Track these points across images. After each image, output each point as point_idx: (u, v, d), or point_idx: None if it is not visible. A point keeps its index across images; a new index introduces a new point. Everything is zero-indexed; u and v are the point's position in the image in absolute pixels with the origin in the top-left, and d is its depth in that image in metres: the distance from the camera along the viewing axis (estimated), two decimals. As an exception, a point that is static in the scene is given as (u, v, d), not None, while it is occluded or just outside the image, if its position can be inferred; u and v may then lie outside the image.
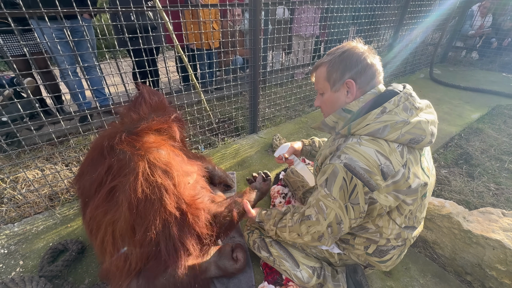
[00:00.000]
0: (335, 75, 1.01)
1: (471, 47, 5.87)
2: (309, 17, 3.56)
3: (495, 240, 1.26)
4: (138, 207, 0.92)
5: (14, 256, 1.44)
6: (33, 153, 2.32)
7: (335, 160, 0.94)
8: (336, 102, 1.05)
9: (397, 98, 0.93)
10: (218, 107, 3.22)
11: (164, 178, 0.94)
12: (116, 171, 0.95)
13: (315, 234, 1.02)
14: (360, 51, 0.98)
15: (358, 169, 0.88)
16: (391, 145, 0.91)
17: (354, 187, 0.90)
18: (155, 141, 1.04)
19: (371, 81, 0.99)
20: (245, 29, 3.70)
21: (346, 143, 0.95)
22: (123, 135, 1.01)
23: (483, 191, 2.00)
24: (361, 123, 0.94)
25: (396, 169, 0.90)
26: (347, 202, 0.93)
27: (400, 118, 0.91)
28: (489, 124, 3.02)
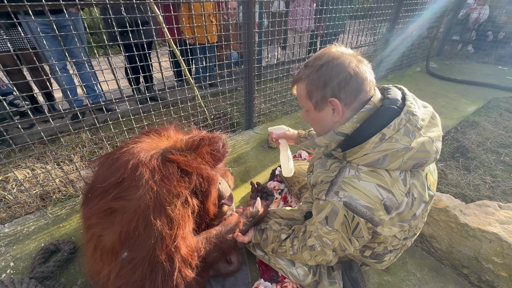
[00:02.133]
0: (316, 94, 0.89)
1: (467, 40, 5.86)
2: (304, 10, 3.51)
3: (492, 233, 1.26)
4: (127, 241, 0.84)
5: (5, 258, 1.41)
6: (23, 152, 2.26)
7: (332, 197, 0.86)
8: (322, 121, 0.94)
9: (398, 121, 0.81)
10: (213, 103, 3.17)
11: (164, 224, 0.85)
12: (124, 189, 0.87)
13: (323, 261, 1.01)
14: (341, 60, 0.84)
15: (360, 208, 0.82)
16: (393, 175, 0.83)
17: (356, 224, 0.85)
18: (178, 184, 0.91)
19: (359, 94, 0.86)
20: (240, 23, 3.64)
21: (343, 175, 0.86)
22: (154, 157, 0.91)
23: (480, 184, 2.00)
24: (357, 152, 0.83)
25: (399, 200, 0.83)
26: (351, 236, 0.89)
27: (401, 145, 0.79)
28: (485, 117, 3.02)
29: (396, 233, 0.92)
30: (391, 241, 0.98)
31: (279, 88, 3.21)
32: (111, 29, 1.63)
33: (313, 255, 1.00)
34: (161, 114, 2.76)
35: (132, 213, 0.83)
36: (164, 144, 1.02)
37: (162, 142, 1.03)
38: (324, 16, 2.81)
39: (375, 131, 0.82)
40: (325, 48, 0.92)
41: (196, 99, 2.53)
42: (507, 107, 3.26)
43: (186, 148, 1.00)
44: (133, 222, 0.83)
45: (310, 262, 1.04)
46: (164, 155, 0.93)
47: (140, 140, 1.01)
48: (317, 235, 0.95)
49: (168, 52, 3.93)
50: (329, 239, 0.92)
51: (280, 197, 1.76)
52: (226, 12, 3.52)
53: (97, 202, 0.89)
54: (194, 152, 0.99)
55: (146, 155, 0.91)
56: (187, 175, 0.94)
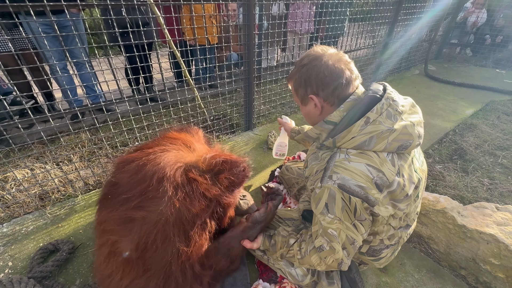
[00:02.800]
0: (300, 91, 1.00)
1: (465, 44, 5.90)
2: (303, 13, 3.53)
3: (489, 234, 1.27)
4: (144, 252, 0.86)
5: (3, 257, 1.41)
6: (22, 152, 2.26)
7: (327, 181, 0.90)
8: (308, 114, 1.05)
9: (379, 105, 0.89)
10: (212, 104, 3.18)
11: (181, 241, 0.87)
12: (147, 199, 0.87)
13: (334, 262, 0.97)
14: (319, 61, 0.93)
15: (354, 188, 0.86)
16: (381, 156, 0.88)
17: (355, 206, 0.87)
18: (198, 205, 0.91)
19: (337, 89, 0.93)
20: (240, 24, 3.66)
21: (334, 160, 0.92)
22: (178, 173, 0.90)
23: (477, 186, 2.01)
24: (345, 136, 0.90)
25: (390, 179, 0.87)
26: (354, 220, 0.90)
27: (385, 126, 0.87)
28: (483, 120, 3.04)
29: (392, 214, 0.93)
30: (386, 231, 1.00)
31: (278, 90, 3.22)
32: (112, 29, 1.64)
33: (323, 257, 0.97)
34: (161, 115, 2.76)
35: (152, 225, 0.84)
36: (189, 157, 1.00)
37: (187, 154, 1.02)
38: (324, 18, 2.83)
39: (360, 116, 0.90)
40: (311, 49, 1.01)
41: (196, 100, 2.54)
42: (504, 110, 3.29)
43: (207, 169, 0.98)
44: (152, 235, 0.84)
45: (319, 267, 1.00)
46: (187, 172, 0.92)
47: (166, 147, 0.99)
48: (322, 230, 0.94)
49: (168, 53, 3.94)
50: (334, 230, 0.91)
51: (279, 198, 1.77)
52: (226, 14, 3.54)
53: (117, 208, 0.89)
54: (214, 176, 0.98)
55: (171, 169, 0.90)
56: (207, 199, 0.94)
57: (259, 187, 1.96)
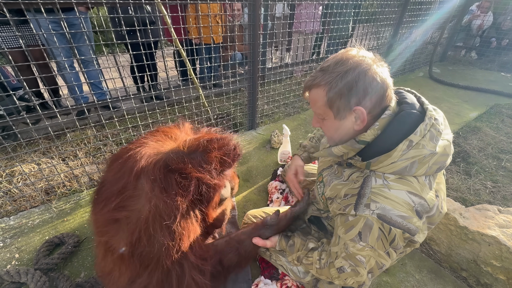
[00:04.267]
0: (338, 102, 0.82)
1: (470, 47, 5.87)
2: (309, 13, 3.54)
3: (491, 236, 1.27)
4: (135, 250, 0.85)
5: (10, 249, 1.44)
6: (29, 147, 2.30)
7: (363, 210, 0.81)
8: (341, 129, 0.88)
9: (423, 126, 0.79)
10: (216, 103, 3.20)
11: (166, 236, 0.84)
12: (126, 198, 0.86)
13: (355, 284, 0.91)
14: (367, 66, 0.79)
15: (395, 218, 0.78)
16: (420, 180, 0.81)
17: (394, 236, 0.80)
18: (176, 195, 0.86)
19: (383, 102, 0.82)
20: (245, 24, 3.68)
21: (370, 185, 0.83)
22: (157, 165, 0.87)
23: (480, 189, 2.01)
24: (384, 161, 0.80)
25: (431, 204, 0.82)
26: (388, 249, 0.82)
27: (428, 150, 0.78)
28: (487, 123, 3.03)
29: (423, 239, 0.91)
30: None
31: (282, 90, 3.24)
32: (119, 28, 1.66)
33: (343, 278, 0.91)
34: (165, 113, 2.79)
35: (134, 224, 0.83)
36: (170, 146, 0.95)
37: (167, 144, 0.96)
38: (329, 19, 2.83)
39: (400, 137, 0.80)
40: (345, 52, 0.85)
41: (200, 98, 2.56)
42: (509, 114, 3.27)
43: (189, 151, 0.92)
44: (135, 234, 0.83)
45: (336, 281, 0.95)
46: (166, 162, 0.88)
47: (146, 141, 0.95)
48: (347, 255, 0.87)
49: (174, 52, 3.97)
50: (363, 256, 0.84)
51: (282, 197, 1.78)
52: (231, 14, 3.56)
53: (101, 209, 0.89)
54: (201, 156, 0.91)
55: (149, 162, 0.86)
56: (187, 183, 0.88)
57: (262, 185, 1.97)
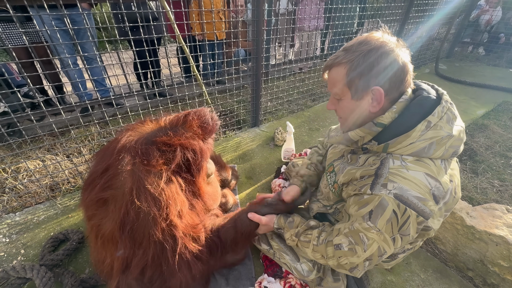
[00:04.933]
0: (357, 81, 0.83)
1: (478, 43, 5.76)
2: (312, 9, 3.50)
3: (499, 236, 1.25)
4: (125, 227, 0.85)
5: (16, 245, 1.45)
6: (34, 144, 2.32)
7: (380, 190, 0.80)
8: (357, 111, 0.89)
9: (440, 109, 0.81)
10: (219, 99, 3.19)
11: (151, 206, 0.85)
12: (110, 178, 0.88)
13: (347, 265, 0.90)
14: (390, 48, 0.80)
15: (412, 199, 0.78)
16: (437, 163, 0.81)
17: (407, 218, 0.79)
18: (157, 164, 0.91)
19: (401, 85, 0.83)
20: (248, 20, 3.64)
21: (388, 167, 0.82)
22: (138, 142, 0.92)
23: (487, 188, 1.98)
24: (403, 141, 0.81)
25: (446, 188, 0.81)
26: (396, 234, 0.81)
27: (445, 132, 0.80)
28: (494, 120, 2.98)
29: (438, 227, 0.88)
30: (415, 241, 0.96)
31: (286, 87, 3.21)
32: (122, 24, 1.65)
33: (337, 255, 0.91)
34: (168, 110, 2.79)
35: (121, 200, 0.85)
36: (151, 128, 1.01)
37: (149, 127, 1.02)
38: (334, 15, 2.79)
39: (419, 119, 0.81)
40: (369, 34, 0.86)
41: (204, 95, 2.55)
42: (517, 111, 3.21)
43: (171, 126, 0.99)
44: (123, 208, 0.84)
45: (331, 261, 0.94)
46: (147, 138, 0.93)
47: (128, 129, 1.01)
48: (350, 231, 0.87)
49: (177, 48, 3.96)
50: (367, 237, 0.83)
51: (285, 195, 1.77)
52: (234, 9, 3.53)
53: (89, 193, 0.91)
54: (182, 127, 0.99)
55: (131, 140, 0.92)
56: (170, 152, 0.93)
57: (265, 183, 1.96)
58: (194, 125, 1.01)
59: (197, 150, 1.00)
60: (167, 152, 0.94)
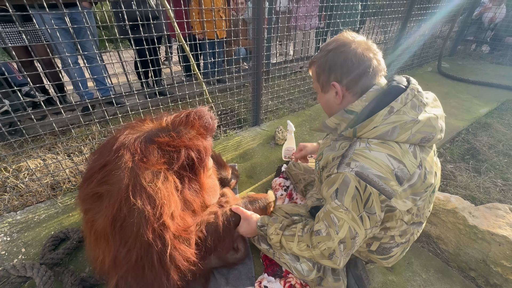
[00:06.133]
0: (322, 77, 0.98)
1: (481, 41, 5.70)
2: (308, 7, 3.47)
3: (502, 236, 1.23)
4: (116, 223, 0.85)
5: (17, 244, 1.46)
6: (35, 143, 2.32)
7: (344, 168, 0.86)
8: (327, 103, 1.03)
9: (404, 95, 0.87)
10: (220, 98, 3.18)
11: (146, 204, 0.85)
12: (108, 173, 0.89)
13: (325, 251, 0.93)
14: (348, 47, 0.90)
15: (372, 177, 0.82)
16: (403, 147, 0.86)
17: (368, 196, 0.84)
18: (157, 163, 0.92)
19: (360, 80, 0.92)
20: (248, 18, 3.62)
21: (354, 148, 0.89)
22: (138, 140, 0.93)
23: (490, 187, 1.96)
24: (367, 125, 0.87)
25: (411, 171, 0.85)
26: (362, 212, 0.86)
27: (409, 117, 0.85)
28: (497, 119, 2.95)
29: (409, 208, 0.91)
30: (399, 226, 0.97)
31: (286, 86, 3.19)
32: (122, 23, 1.64)
33: (316, 241, 0.94)
34: (169, 109, 2.78)
35: (116, 195, 0.85)
36: (151, 127, 1.02)
37: (148, 126, 1.04)
38: (335, 13, 2.77)
39: (384, 105, 0.87)
40: (339, 34, 0.98)
41: (204, 94, 2.54)
42: (521, 110, 3.18)
43: (173, 126, 1.02)
44: (117, 204, 0.84)
45: (314, 251, 0.97)
46: (148, 136, 0.95)
47: (126, 127, 1.02)
48: (324, 214, 0.93)
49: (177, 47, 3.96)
50: (337, 218, 0.88)
51: (286, 194, 1.76)
52: (235, 8, 3.51)
53: (85, 188, 0.92)
54: (184, 128, 1.02)
55: (130, 138, 0.93)
56: (173, 153, 0.96)
57: (266, 182, 1.96)
58: (196, 125, 1.03)
59: (202, 149, 1.02)
60: (170, 152, 0.95)
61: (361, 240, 0.91)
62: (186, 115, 1.04)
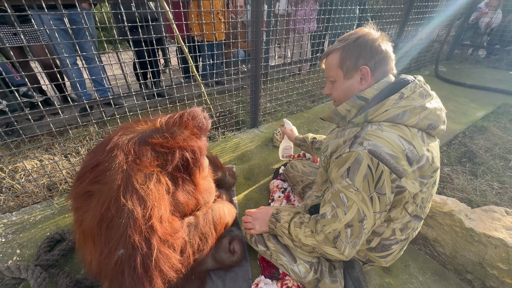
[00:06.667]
0: (349, 62, 0.99)
1: (478, 45, 5.76)
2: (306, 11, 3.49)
3: (498, 238, 1.24)
4: (102, 223, 0.83)
5: (11, 245, 1.44)
6: (32, 143, 2.31)
7: (356, 147, 0.89)
8: (348, 89, 1.03)
9: (413, 84, 0.94)
10: (218, 100, 3.18)
11: (136, 205, 0.83)
12: (100, 172, 0.88)
13: (330, 234, 0.92)
14: (374, 37, 0.97)
15: (384, 155, 0.85)
16: (412, 130, 0.90)
17: (380, 174, 0.85)
18: (150, 165, 0.91)
19: (385, 68, 0.99)
20: (247, 21, 3.65)
21: (366, 130, 0.93)
22: (131, 140, 0.93)
23: (486, 190, 1.97)
24: (379, 109, 0.92)
25: (420, 153, 0.89)
26: (373, 193, 0.87)
27: (417, 103, 0.91)
28: (494, 123, 2.97)
29: (417, 190, 0.92)
30: (402, 217, 0.99)
31: (285, 88, 3.21)
32: (122, 24, 1.65)
33: (323, 225, 0.94)
34: (167, 110, 2.78)
35: (105, 195, 0.84)
36: (145, 128, 1.02)
37: (142, 127, 1.03)
38: (333, 16, 2.79)
39: (394, 92, 0.94)
40: (358, 28, 1.03)
41: (203, 96, 2.55)
42: (517, 113, 3.20)
43: (167, 127, 1.02)
44: (106, 204, 0.83)
45: (318, 237, 0.96)
46: (141, 137, 0.94)
47: (124, 127, 1.03)
48: (332, 194, 0.93)
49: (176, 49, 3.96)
50: (347, 197, 0.89)
51: (283, 196, 1.76)
52: (234, 10, 3.53)
53: (77, 186, 0.92)
54: (178, 129, 1.02)
55: (124, 139, 0.93)
56: (168, 154, 0.96)
57: (263, 184, 1.96)
58: (190, 126, 1.04)
59: (196, 150, 1.02)
60: (164, 154, 0.95)
61: (369, 227, 0.90)
62: (179, 116, 1.05)
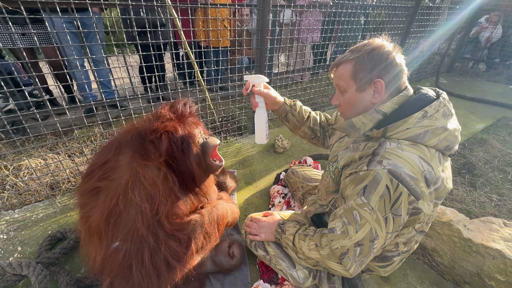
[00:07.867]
0: (362, 74, 0.94)
1: (478, 59, 5.85)
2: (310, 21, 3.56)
3: (496, 249, 1.25)
4: (110, 218, 0.85)
5: (13, 242, 1.45)
6: (37, 142, 2.34)
7: (375, 166, 0.86)
8: (359, 102, 0.98)
9: (437, 103, 0.91)
10: (222, 105, 3.22)
11: (144, 200, 0.86)
12: (109, 169, 0.91)
13: (338, 250, 0.90)
14: (389, 49, 0.93)
15: (404, 176, 0.82)
16: (431, 151, 0.88)
17: (399, 195, 0.82)
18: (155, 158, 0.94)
19: (398, 82, 0.95)
20: (252, 29, 3.72)
21: (385, 147, 0.89)
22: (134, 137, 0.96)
23: (485, 202, 1.98)
24: (400, 126, 0.88)
25: (437, 175, 0.86)
26: (388, 213, 0.84)
27: (440, 123, 0.88)
28: (493, 135, 3.00)
29: (431, 212, 0.92)
30: (408, 233, 0.98)
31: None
32: (130, 29, 1.70)
33: (330, 240, 0.93)
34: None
35: (114, 191, 0.86)
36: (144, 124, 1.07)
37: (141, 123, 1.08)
38: (337, 27, 2.85)
39: (416, 109, 0.90)
40: (371, 40, 0.99)
41: (206, 100, 2.58)
42: (516, 127, 3.23)
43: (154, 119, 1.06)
44: (114, 199, 0.85)
45: (322, 251, 0.96)
46: (138, 133, 0.99)
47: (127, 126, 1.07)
48: (345, 210, 0.91)
49: (182, 54, 4.03)
50: (360, 215, 0.87)
51: (284, 201, 1.77)
52: (239, 18, 3.61)
53: (86, 183, 0.94)
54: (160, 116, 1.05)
55: (127, 136, 0.97)
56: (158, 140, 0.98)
57: (264, 189, 1.97)
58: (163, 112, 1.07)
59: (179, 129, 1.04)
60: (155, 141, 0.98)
61: (379, 247, 0.89)
62: (161, 107, 1.11)
